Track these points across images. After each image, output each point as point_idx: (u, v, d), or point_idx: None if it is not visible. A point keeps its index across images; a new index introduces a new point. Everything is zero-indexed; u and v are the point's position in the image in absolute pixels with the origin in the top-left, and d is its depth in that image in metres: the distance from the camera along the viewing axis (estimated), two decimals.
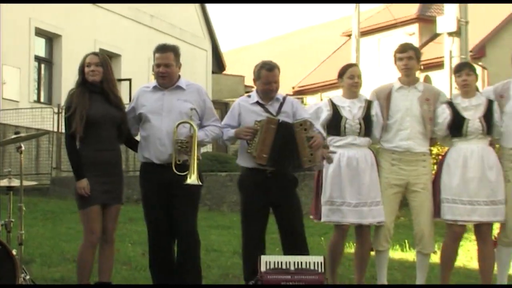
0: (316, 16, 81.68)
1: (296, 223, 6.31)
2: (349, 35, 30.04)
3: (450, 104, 6.55)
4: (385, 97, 6.60)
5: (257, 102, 6.30)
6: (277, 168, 6.15)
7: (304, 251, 6.19)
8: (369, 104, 6.56)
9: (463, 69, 6.59)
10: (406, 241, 9.15)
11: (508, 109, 6.51)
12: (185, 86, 6.19)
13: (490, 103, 6.52)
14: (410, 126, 6.51)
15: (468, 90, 6.54)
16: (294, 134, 6.12)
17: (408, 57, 6.57)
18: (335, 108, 6.50)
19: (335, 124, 6.42)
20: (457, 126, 6.46)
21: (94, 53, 6.16)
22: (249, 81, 30.49)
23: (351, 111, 6.49)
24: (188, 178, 5.76)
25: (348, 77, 6.54)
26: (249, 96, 6.39)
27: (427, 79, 26.23)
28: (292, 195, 6.32)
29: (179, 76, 6.23)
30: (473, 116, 6.45)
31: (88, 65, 5.97)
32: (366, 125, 6.47)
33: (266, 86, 6.26)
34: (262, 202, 6.22)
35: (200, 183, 5.79)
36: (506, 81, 6.70)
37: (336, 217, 6.42)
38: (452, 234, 6.56)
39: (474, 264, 6.84)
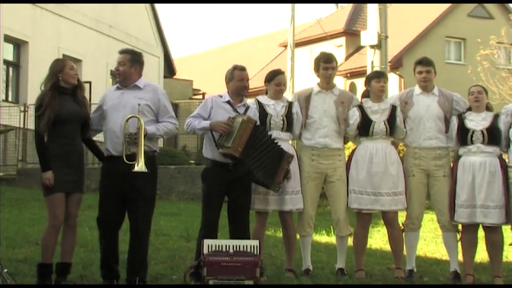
0: (257, 27, 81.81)
1: (244, 213, 6.33)
2: (285, 46, 30.24)
3: (360, 107, 6.68)
4: (305, 99, 6.70)
5: (228, 102, 6.32)
6: (246, 163, 6.14)
7: (246, 236, 6.21)
8: (290, 104, 6.65)
9: (382, 77, 6.77)
10: (331, 226, 9.26)
11: (411, 114, 6.70)
12: (143, 86, 6.18)
13: (394, 108, 6.67)
14: (327, 125, 6.63)
15: (381, 95, 6.73)
16: (282, 161, 6.23)
17: (333, 67, 6.71)
18: (261, 106, 6.55)
19: (261, 121, 6.45)
20: (365, 127, 6.60)
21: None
22: (196, 84, 30.64)
23: (275, 109, 6.56)
24: (136, 166, 5.72)
25: (275, 83, 6.62)
26: (220, 96, 6.39)
27: (352, 86, 26.58)
28: (246, 188, 6.33)
29: (139, 78, 6.21)
30: (379, 119, 6.59)
31: (71, 68, 6.02)
32: (288, 122, 6.55)
33: (241, 83, 6.32)
34: (221, 193, 6.22)
35: (146, 170, 5.73)
36: (409, 89, 6.91)
37: (261, 205, 6.47)
38: (361, 222, 6.69)
39: (389, 246, 6.95)
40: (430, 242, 9.71)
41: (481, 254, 7.35)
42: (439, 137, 6.66)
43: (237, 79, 6.30)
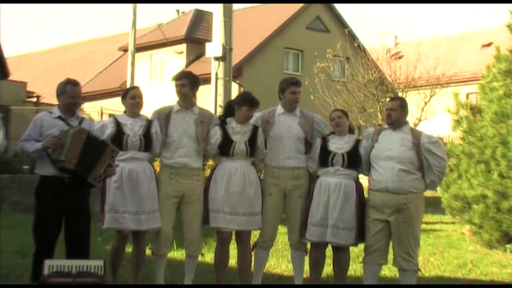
0: (97, 29, 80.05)
1: (83, 229, 6.09)
2: (125, 50, 29.76)
3: (222, 127, 6.63)
4: (165, 117, 6.57)
5: (60, 117, 6.03)
6: (84, 175, 5.87)
7: (86, 255, 5.99)
8: (149, 122, 6.50)
9: (254, 106, 6.68)
10: (174, 241, 9.12)
11: (272, 133, 6.74)
12: None
13: (255, 129, 6.68)
14: (187, 144, 6.53)
15: (246, 120, 6.67)
16: (103, 152, 5.93)
17: (182, 84, 6.58)
18: (118, 126, 6.38)
19: (118, 140, 6.28)
20: (225, 147, 6.57)
21: None
22: (30, 86, 29.32)
23: (133, 128, 6.40)
24: None
25: (130, 97, 6.48)
26: (50, 112, 6.09)
27: None
28: (84, 203, 6.09)
29: None
30: (240, 140, 6.58)
31: None
32: (146, 142, 6.41)
33: (72, 100, 6.07)
34: (57, 210, 5.93)
35: None
36: (272, 109, 6.93)
37: (118, 224, 6.31)
38: (219, 240, 6.67)
39: None
40: (274, 257, 9.82)
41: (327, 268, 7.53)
42: (298, 157, 6.72)
43: (69, 94, 6.07)
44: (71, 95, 6.07)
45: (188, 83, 6.59)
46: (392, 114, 6.54)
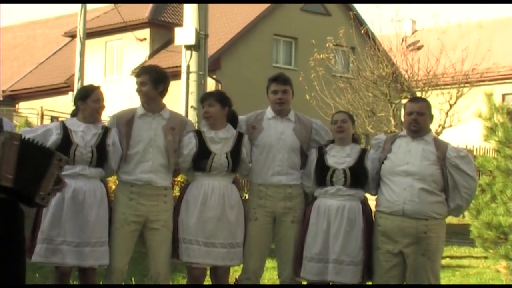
0: (35, 10, 79.85)
1: (14, 264, 5.97)
2: (72, 36, 29.71)
3: (198, 134, 6.59)
4: (126, 123, 6.52)
5: None
6: (28, 192, 5.76)
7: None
8: (106, 131, 6.44)
9: (206, 100, 6.67)
10: (132, 278, 9.07)
11: (259, 142, 6.69)
12: None
13: (239, 136, 6.63)
14: (152, 158, 6.48)
15: (212, 123, 6.62)
16: (48, 162, 5.77)
17: (141, 82, 6.53)
18: (66, 133, 6.32)
19: (64, 151, 6.05)
20: (201, 160, 6.51)
21: None
22: None
23: (84, 137, 6.34)
24: None
25: (94, 100, 6.41)
26: None
27: None
28: (17, 229, 5.96)
29: None
30: (220, 150, 6.52)
31: None
32: (100, 154, 6.34)
33: None
34: None
35: None
36: (260, 111, 6.88)
37: (55, 258, 6.23)
38: (191, 278, 6.63)
39: None
40: None
41: None
42: (292, 173, 6.68)
43: None
44: None
45: (150, 80, 6.52)
46: (420, 120, 6.52)
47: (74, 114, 6.55)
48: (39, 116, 25.09)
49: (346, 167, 6.55)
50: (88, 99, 6.41)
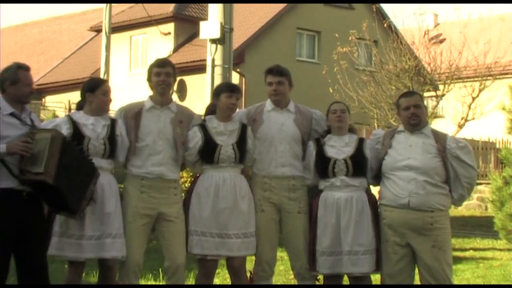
0: (61, 5, 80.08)
1: (38, 255, 6.04)
2: (98, 31, 29.76)
3: (203, 127, 6.57)
4: (134, 116, 6.49)
5: (12, 114, 5.89)
6: (60, 189, 5.79)
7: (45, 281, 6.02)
8: (113, 122, 6.41)
9: (235, 92, 6.63)
10: (160, 269, 9.10)
11: (260, 134, 6.68)
12: None
13: (243, 127, 6.63)
14: (163, 150, 6.47)
15: (231, 114, 6.63)
16: (92, 180, 5.96)
17: (167, 73, 6.51)
18: (75, 127, 6.25)
19: (77, 145, 6.11)
20: (209, 153, 6.49)
21: None
22: None
23: (95, 130, 6.30)
24: None
25: (103, 93, 6.37)
26: None
27: (181, 84, 26.55)
28: (42, 223, 6.03)
29: None
30: (226, 142, 6.51)
31: None
32: (111, 146, 6.31)
33: (29, 89, 6.00)
34: (11, 229, 5.82)
35: None
36: (259, 104, 6.88)
37: (71, 252, 6.17)
38: (203, 270, 6.58)
39: None
40: None
41: None
42: (294, 164, 6.68)
43: (25, 82, 6.00)
44: (27, 82, 6.00)
45: (173, 72, 6.55)
46: (419, 112, 6.51)
47: (79, 107, 6.48)
48: (66, 109, 25.14)
49: (346, 157, 6.55)
50: (97, 91, 6.35)
